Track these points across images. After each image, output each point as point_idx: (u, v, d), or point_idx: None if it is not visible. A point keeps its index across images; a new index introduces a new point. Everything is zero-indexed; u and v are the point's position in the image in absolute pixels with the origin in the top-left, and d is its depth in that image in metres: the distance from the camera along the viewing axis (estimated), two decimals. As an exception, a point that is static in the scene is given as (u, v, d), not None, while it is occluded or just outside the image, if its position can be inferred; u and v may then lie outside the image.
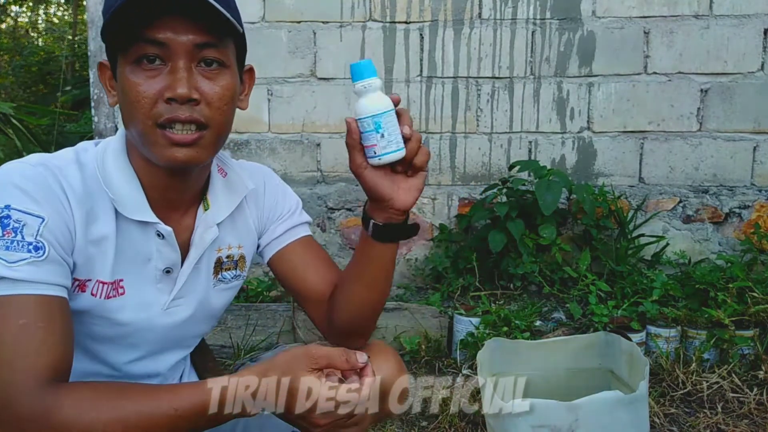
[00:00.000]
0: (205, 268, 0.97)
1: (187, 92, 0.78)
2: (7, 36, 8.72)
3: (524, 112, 2.69)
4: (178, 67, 0.78)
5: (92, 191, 0.84)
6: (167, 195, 0.89)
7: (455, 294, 2.44)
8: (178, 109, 0.79)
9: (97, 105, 2.71)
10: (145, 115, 0.79)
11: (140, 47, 0.78)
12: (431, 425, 1.75)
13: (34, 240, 0.76)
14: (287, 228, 1.06)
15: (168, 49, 0.78)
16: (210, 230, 0.94)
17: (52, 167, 0.81)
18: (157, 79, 0.79)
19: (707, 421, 1.79)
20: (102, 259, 0.85)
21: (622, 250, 2.54)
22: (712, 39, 2.59)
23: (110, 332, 0.89)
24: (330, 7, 2.64)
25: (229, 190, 0.97)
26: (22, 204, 0.76)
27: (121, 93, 0.82)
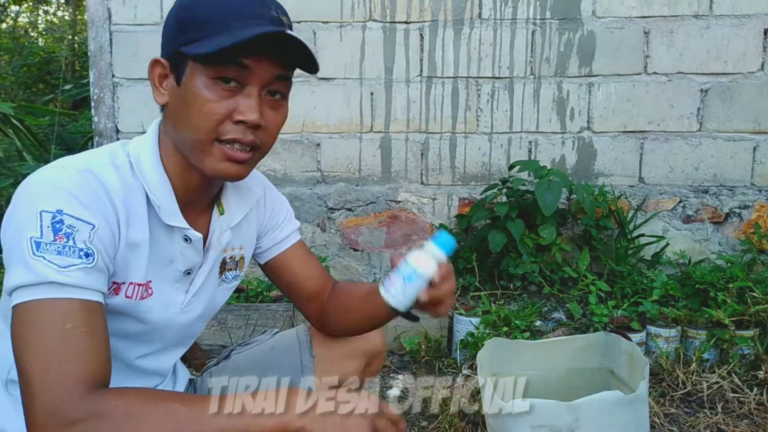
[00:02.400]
0: (215, 268, 1.01)
1: (258, 120, 0.82)
2: (7, 36, 8.72)
3: (524, 112, 2.69)
4: (252, 94, 0.82)
5: (129, 195, 0.85)
6: (191, 198, 0.92)
7: (455, 294, 2.44)
8: (243, 131, 0.83)
9: (97, 105, 2.70)
10: (210, 129, 0.82)
11: (226, 69, 0.81)
12: (431, 425, 1.75)
13: (86, 247, 0.77)
14: (286, 234, 1.12)
15: (250, 74, 0.82)
16: (225, 234, 0.98)
17: (98, 174, 0.82)
18: (230, 101, 0.82)
19: (707, 421, 1.79)
20: (137, 262, 0.87)
21: (622, 250, 2.54)
22: (712, 39, 2.59)
23: (134, 329, 0.91)
24: (330, 7, 2.64)
25: (240, 195, 1.01)
26: (75, 210, 0.77)
27: (183, 99, 0.83)
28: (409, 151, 2.73)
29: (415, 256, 0.89)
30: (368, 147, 2.73)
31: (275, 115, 0.86)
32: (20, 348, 0.73)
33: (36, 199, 0.76)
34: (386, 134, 2.72)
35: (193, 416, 0.72)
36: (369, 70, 2.68)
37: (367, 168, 2.74)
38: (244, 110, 0.82)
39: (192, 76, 0.82)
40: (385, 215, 2.75)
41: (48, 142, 4.20)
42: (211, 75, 0.81)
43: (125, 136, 2.65)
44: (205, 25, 0.81)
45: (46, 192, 0.77)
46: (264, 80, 0.83)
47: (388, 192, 2.74)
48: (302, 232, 2.73)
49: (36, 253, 0.74)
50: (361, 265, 2.79)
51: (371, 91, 2.70)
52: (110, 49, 2.68)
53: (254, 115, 0.82)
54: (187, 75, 0.83)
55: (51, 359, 0.72)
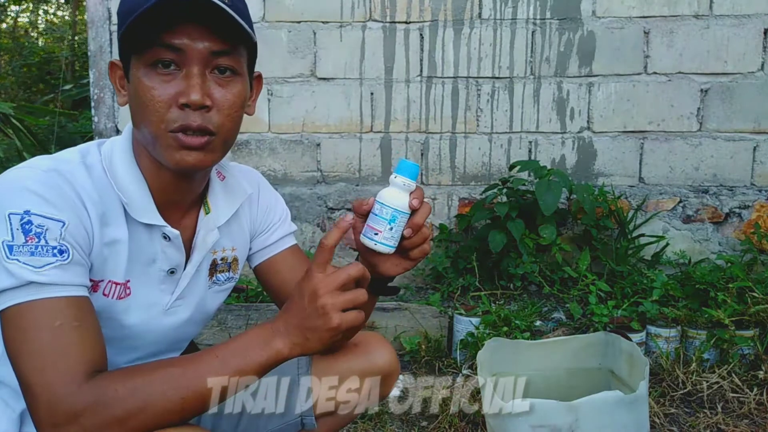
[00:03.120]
0: (203, 269, 0.98)
1: (200, 99, 0.79)
2: (7, 36, 8.72)
3: (524, 112, 2.69)
4: (193, 74, 0.79)
5: (103, 194, 0.84)
6: (171, 197, 0.90)
7: (455, 294, 2.44)
8: (190, 115, 0.80)
9: (97, 105, 2.70)
10: (158, 119, 0.80)
11: (156, 52, 0.78)
12: (431, 425, 1.75)
13: (58, 244, 0.76)
14: (279, 237, 1.08)
15: (184, 55, 0.79)
16: (211, 233, 0.95)
17: (64, 172, 0.81)
18: (171, 84, 0.79)
19: (707, 421, 1.79)
20: (115, 260, 0.86)
21: (622, 250, 2.54)
22: (712, 39, 2.59)
23: (114, 334, 0.89)
24: (330, 7, 2.64)
25: (228, 194, 0.99)
26: (42, 209, 0.76)
27: (133, 95, 0.82)
28: (409, 151, 2.73)
29: (387, 195, 0.86)
30: (368, 147, 2.73)
31: (225, 92, 0.82)
32: (14, 353, 0.74)
33: (2, 203, 0.76)
34: (386, 134, 2.72)
35: (189, 372, 0.74)
36: (369, 70, 2.68)
37: (367, 168, 2.74)
38: (185, 92, 0.79)
39: (134, 68, 0.81)
40: (385, 215, 2.75)
41: (48, 142, 4.20)
42: (147, 62, 0.79)
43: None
44: (127, 10, 0.79)
45: (12, 194, 0.76)
46: (203, 58, 0.80)
47: (388, 192, 2.74)
48: (301, 233, 2.73)
49: (9, 256, 0.74)
50: (361, 265, 2.79)
51: (371, 91, 2.70)
52: (110, 49, 2.68)
53: (195, 95, 0.79)
54: (132, 70, 0.82)
55: (45, 359, 0.72)
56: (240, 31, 0.80)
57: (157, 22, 0.76)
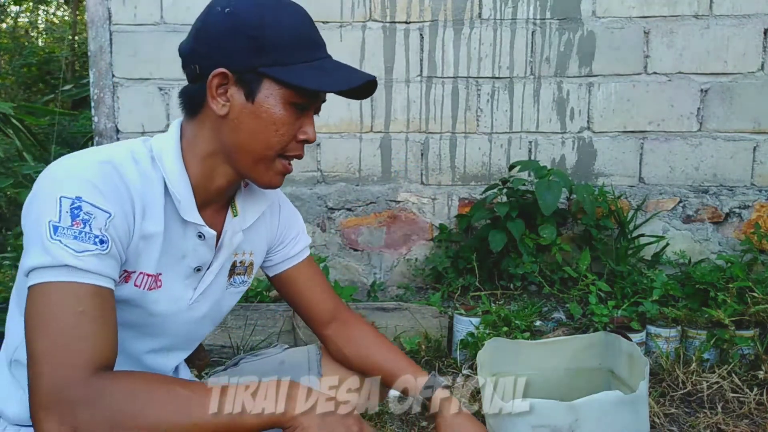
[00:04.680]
0: (224, 270, 1.03)
1: (315, 139, 0.94)
2: (7, 36, 8.72)
3: (524, 112, 2.69)
4: (312, 116, 0.94)
5: (146, 189, 0.88)
6: (209, 198, 0.96)
7: (455, 294, 2.44)
8: (302, 149, 0.94)
9: (97, 105, 2.70)
10: (280, 145, 0.90)
11: (304, 98, 0.90)
12: (431, 425, 1.75)
13: (101, 234, 0.80)
14: (299, 250, 1.16)
15: (316, 103, 0.93)
16: (237, 235, 1.01)
17: (118, 165, 0.85)
18: (298, 122, 0.92)
19: (707, 421, 1.79)
20: (149, 253, 0.89)
21: (622, 250, 2.54)
22: (712, 39, 2.59)
23: (142, 321, 0.93)
24: (330, 7, 2.64)
25: (253, 199, 1.05)
26: (93, 198, 0.80)
27: (255, 116, 0.89)
28: (409, 151, 2.73)
29: None
30: (368, 147, 2.73)
31: None
32: (32, 327, 0.75)
33: (57, 186, 0.80)
34: (386, 134, 2.72)
35: (193, 400, 0.75)
36: (369, 69, 2.66)
37: (367, 168, 2.74)
38: (308, 131, 0.92)
39: (270, 96, 0.88)
40: (385, 215, 2.75)
41: (48, 142, 4.20)
42: (290, 99, 0.89)
43: (125, 136, 2.65)
44: (287, 50, 0.88)
45: (67, 179, 0.80)
46: (319, 106, 0.95)
47: (388, 192, 2.74)
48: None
49: (53, 236, 0.77)
50: (361, 265, 2.79)
51: (371, 91, 2.69)
52: (110, 49, 2.68)
53: (314, 135, 0.93)
54: (262, 93, 0.88)
55: (60, 340, 0.74)
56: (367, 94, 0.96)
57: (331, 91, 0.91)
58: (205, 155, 0.93)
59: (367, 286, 2.74)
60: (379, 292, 2.69)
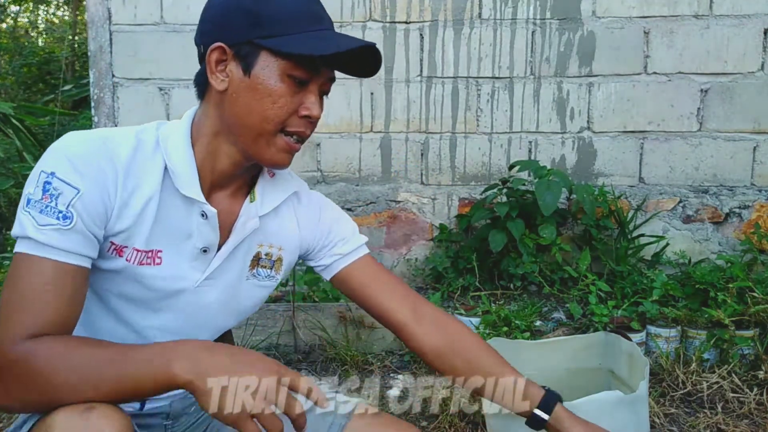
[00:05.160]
0: (242, 257, 1.01)
1: (320, 115, 0.92)
2: (7, 36, 8.72)
3: (524, 112, 2.69)
4: (315, 92, 0.91)
5: (141, 167, 0.89)
6: (218, 180, 0.96)
7: (455, 294, 2.44)
8: (306, 125, 0.91)
9: (97, 105, 2.70)
10: (278, 118, 0.89)
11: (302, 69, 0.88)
12: (431, 425, 1.75)
13: (65, 209, 0.81)
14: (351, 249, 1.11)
15: (316, 75, 0.90)
16: (252, 221, 0.99)
17: (108, 142, 0.87)
18: (299, 96, 0.89)
19: (707, 421, 1.79)
20: (140, 228, 0.89)
21: (622, 250, 2.54)
22: (712, 39, 2.59)
23: (140, 295, 0.93)
24: (330, 7, 2.62)
25: (275, 187, 1.04)
26: (65, 174, 0.82)
27: (253, 89, 0.88)
28: (409, 151, 2.73)
29: None
30: (368, 147, 2.73)
31: (321, 110, 0.94)
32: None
33: (43, 160, 0.83)
34: (386, 134, 2.72)
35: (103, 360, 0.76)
36: (369, 70, 2.67)
37: (367, 168, 2.74)
38: (310, 107, 0.90)
39: (266, 68, 0.87)
40: (385, 215, 2.75)
41: (48, 142, 4.20)
42: (287, 71, 0.87)
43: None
44: (285, 23, 0.87)
45: (52, 154, 0.83)
46: (323, 81, 0.92)
47: (388, 192, 2.74)
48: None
49: (25, 207, 0.81)
50: (361, 265, 2.78)
51: (371, 91, 2.70)
52: (110, 49, 2.68)
53: (319, 111, 0.91)
54: (259, 66, 0.87)
55: (10, 307, 0.78)
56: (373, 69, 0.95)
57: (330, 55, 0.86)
58: (211, 135, 0.93)
59: (367, 286, 2.73)
60: (379, 292, 2.68)
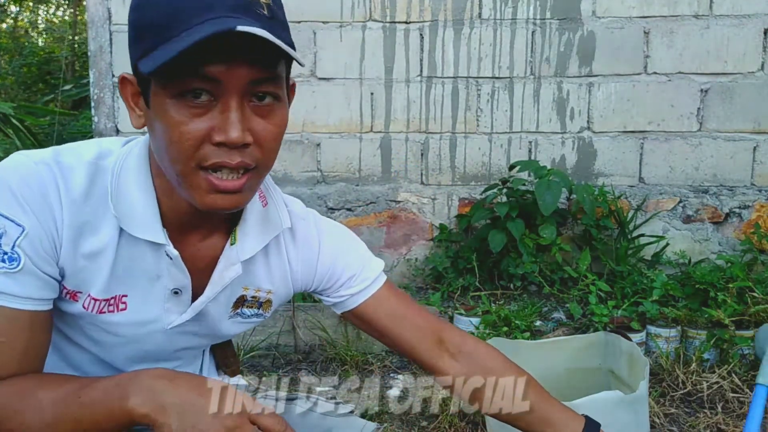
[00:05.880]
0: (224, 300, 0.89)
1: (240, 137, 0.68)
2: (7, 36, 8.72)
3: (524, 112, 2.69)
4: (230, 107, 0.68)
5: (98, 201, 0.77)
6: (185, 221, 0.82)
7: (455, 294, 2.44)
8: (227, 154, 0.69)
9: (97, 105, 2.70)
10: (188, 157, 0.69)
11: (187, 82, 0.67)
12: (431, 425, 1.75)
13: (10, 250, 0.72)
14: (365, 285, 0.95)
15: (220, 85, 0.67)
16: (232, 268, 0.84)
17: (57, 168, 0.75)
18: (204, 118, 0.68)
19: (707, 421, 1.79)
20: (96, 274, 0.79)
21: (622, 250, 2.54)
22: (712, 39, 2.59)
23: (104, 339, 0.86)
24: (330, 7, 2.64)
25: (263, 225, 0.86)
26: (8, 209, 0.72)
27: (156, 124, 0.71)
28: (409, 151, 2.73)
29: None
30: (368, 147, 2.73)
31: (267, 123, 0.72)
32: None
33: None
34: (386, 134, 2.72)
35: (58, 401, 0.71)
36: (369, 70, 2.68)
37: (367, 168, 2.74)
38: (222, 128, 0.68)
39: (158, 96, 0.69)
40: (385, 215, 2.75)
41: (48, 142, 4.20)
42: (174, 92, 0.67)
43: (125, 136, 2.65)
44: (158, 30, 0.67)
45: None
46: (241, 87, 0.68)
47: (388, 192, 2.74)
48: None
49: None
50: (361, 265, 2.78)
51: (371, 91, 2.70)
52: (110, 49, 2.68)
53: (235, 132, 0.67)
54: (154, 96, 0.70)
55: None
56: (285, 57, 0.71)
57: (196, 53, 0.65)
58: (160, 172, 0.78)
59: (367, 286, 2.73)
60: (379, 292, 2.69)
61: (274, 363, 2.24)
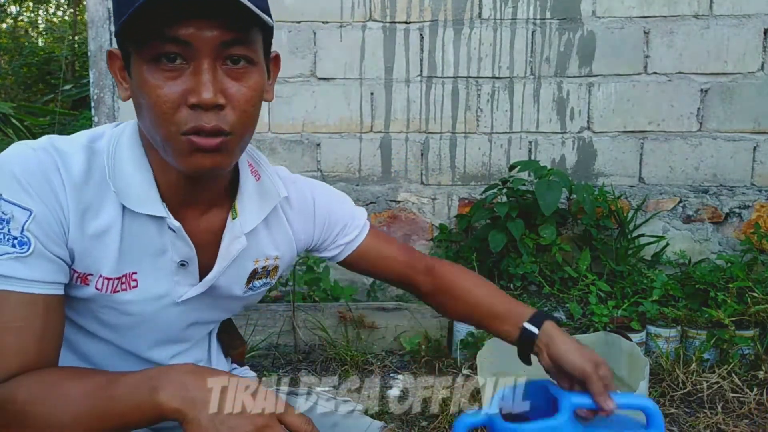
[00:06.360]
0: (236, 275, 0.92)
1: (212, 98, 0.71)
2: (7, 36, 8.72)
3: (524, 112, 2.69)
4: (202, 69, 0.71)
5: (98, 182, 0.79)
6: (182, 193, 0.84)
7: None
8: (202, 116, 0.72)
9: (97, 105, 2.70)
10: (167, 120, 0.72)
11: (159, 46, 0.70)
12: (431, 425, 1.75)
13: (20, 234, 0.73)
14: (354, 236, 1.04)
15: (191, 47, 0.70)
16: (237, 241, 0.88)
17: (55, 153, 0.77)
18: (178, 81, 0.71)
19: (707, 421, 1.79)
20: (105, 254, 0.80)
21: (622, 250, 2.54)
22: (712, 39, 2.59)
23: (117, 321, 0.87)
24: (330, 7, 2.64)
25: (261, 197, 0.91)
26: (14, 195, 0.73)
27: (137, 93, 0.75)
28: (409, 151, 2.73)
29: None
30: (368, 147, 2.73)
31: (240, 86, 0.74)
32: None
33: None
34: (386, 134, 2.72)
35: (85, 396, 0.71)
36: (369, 70, 2.68)
37: (367, 168, 2.74)
38: (194, 89, 0.70)
39: (136, 63, 0.72)
40: (385, 215, 2.75)
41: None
42: (149, 56, 0.70)
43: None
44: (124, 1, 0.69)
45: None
46: (213, 49, 0.71)
47: (388, 192, 2.74)
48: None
49: None
50: (361, 265, 2.78)
51: (371, 91, 2.70)
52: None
53: (207, 93, 0.70)
54: (134, 65, 0.73)
55: None
56: (254, 17, 0.72)
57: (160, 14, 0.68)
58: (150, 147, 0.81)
59: (367, 286, 2.74)
60: (379, 292, 2.69)
61: (274, 363, 2.24)
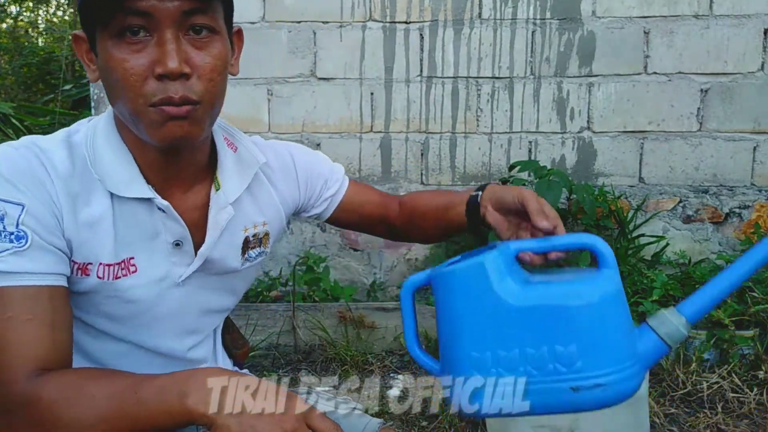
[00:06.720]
0: (229, 246, 0.93)
1: (178, 67, 0.72)
2: (7, 36, 8.72)
3: (524, 112, 2.69)
4: (166, 39, 0.72)
5: (82, 173, 0.80)
6: (163, 172, 0.85)
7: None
8: (170, 87, 0.73)
9: (97, 105, 2.71)
10: (136, 93, 0.74)
11: (122, 19, 0.72)
12: (431, 425, 1.75)
13: (16, 229, 0.73)
14: (334, 191, 1.09)
15: (152, 18, 0.72)
16: (224, 210, 0.89)
17: (37, 149, 0.78)
18: (143, 53, 0.73)
19: (707, 421, 1.79)
20: (101, 241, 0.81)
21: (622, 250, 2.54)
22: (712, 39, 2.59)
23: (121, 312, 0.86)
24: (330, 7, 2.64)
25: (241, 166, 0.92)
26: (3, 192, 0.74)
27: (104, 70, 0.76)
28: (409, 151, 2.73)
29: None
30: (368, 147, 2.73)
31: (205, 55, 0.76)
32: None
33: None
34: (386, 134, 2.72)
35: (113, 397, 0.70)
36: (369, 70, 2.68)
37: (367, 168, 2.74)
38: (159, 60, 0.72)
39: (101, 41, 0.74)
40: (385, 215, 2.75)
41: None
42: (113, 31, 0.72)
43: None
44: None
45: None
46: (175, 19, 0.72)
47: (388, 192, 2.74)
48: (301, 233, 2.73)
49: None
50: (361, 265, 2.79)
51: (371, 91, 2.70)
52: (110, 49, 2.68)
53: (173, 63, 0.72)
54: (99, 43, 0.75)
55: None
56: None
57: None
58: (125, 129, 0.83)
59: (367, 286, 2.74)
60: (379, 292, 2.69)
61: (274, 363, 2.25)
